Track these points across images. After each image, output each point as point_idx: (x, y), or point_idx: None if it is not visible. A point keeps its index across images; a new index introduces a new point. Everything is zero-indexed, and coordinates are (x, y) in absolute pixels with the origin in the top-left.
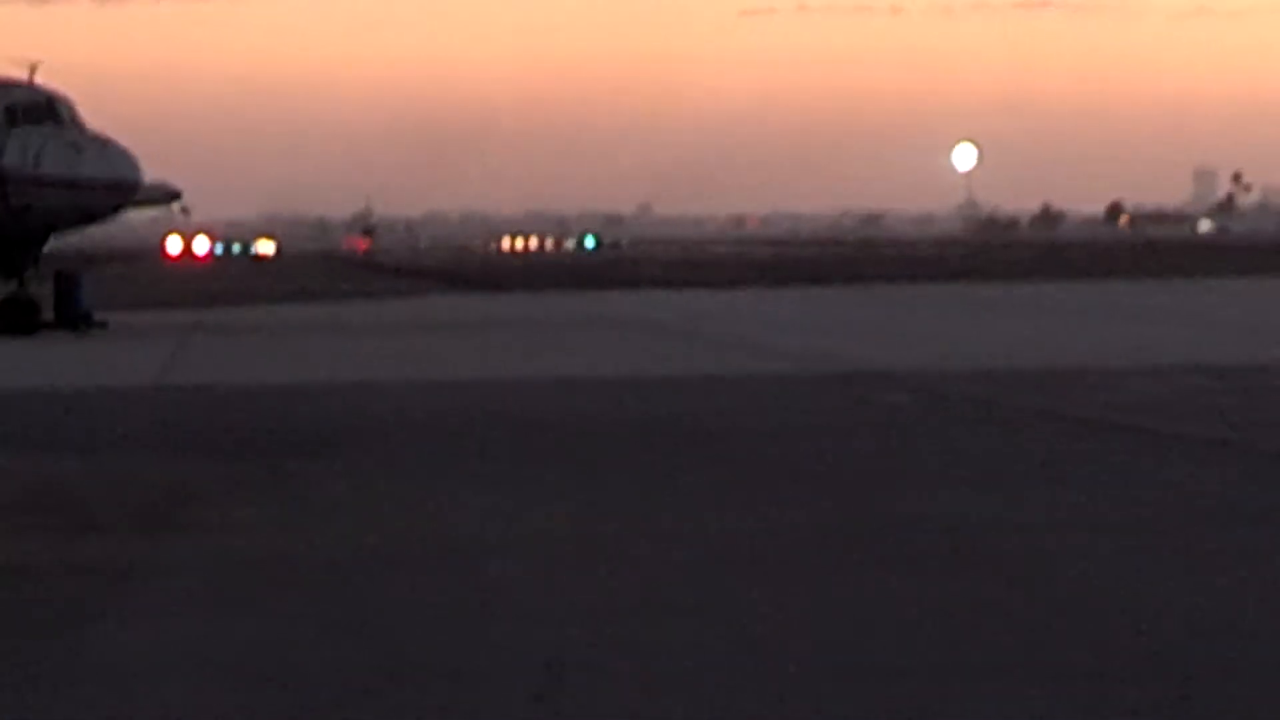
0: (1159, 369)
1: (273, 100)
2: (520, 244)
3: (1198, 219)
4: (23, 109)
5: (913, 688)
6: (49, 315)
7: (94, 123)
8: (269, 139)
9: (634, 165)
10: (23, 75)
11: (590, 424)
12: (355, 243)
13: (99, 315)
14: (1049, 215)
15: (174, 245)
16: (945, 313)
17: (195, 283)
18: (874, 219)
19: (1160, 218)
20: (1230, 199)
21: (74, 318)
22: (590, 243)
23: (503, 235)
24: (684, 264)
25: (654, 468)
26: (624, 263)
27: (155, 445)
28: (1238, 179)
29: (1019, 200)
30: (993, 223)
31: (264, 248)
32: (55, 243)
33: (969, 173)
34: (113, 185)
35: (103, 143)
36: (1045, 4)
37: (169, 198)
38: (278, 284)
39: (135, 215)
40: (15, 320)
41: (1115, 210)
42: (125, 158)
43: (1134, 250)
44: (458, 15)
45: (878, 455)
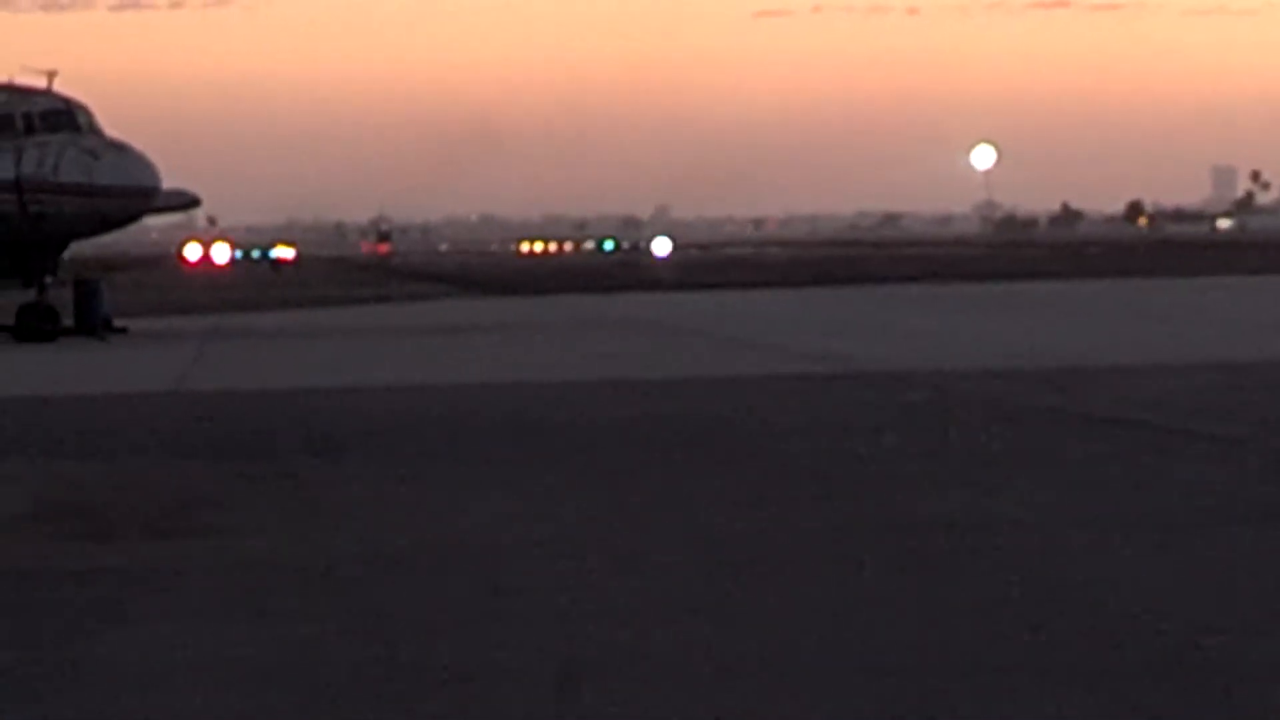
0: (1178, 366)
1: (290, 106)
2: (538, 247)
3: (1217, 217)
4: (40, 116)
5: (932, 688)
6: (69, 321)
7: (112, 129)
8: (287, 145)
9: (651, 168)
10: (40, 83)
11: (608, 426)
12: (372, 248)
13: (119, 321)
14: (1068, 214)
15: (193, 251)
16: (964, 312)
17: (214, 288)
18: (892, 219)
19: (1180, 216)
20: (1249, 197)
21: (93, 324)
22: (608, 245)
23: (520, 239)
24: (702, 266)
25: (671, 469)
26: (642, 265)
27: (172, 450)
28: (1256, 177)
29: (1038, 200)
30: (1012, 222)
31: (283, 253)
32: (74, 249)
33: (988, 173)
34: (131, 192)
35: (120, 149)
36: (1062, 3)
37: (188, 204)
38: (296, 289)
39: (154, 221)
40: (35, 327)
41: (1134, 209)
42: (143, 164)
43: (1153, 248)
44: (474, 20)
45: (896, 456)
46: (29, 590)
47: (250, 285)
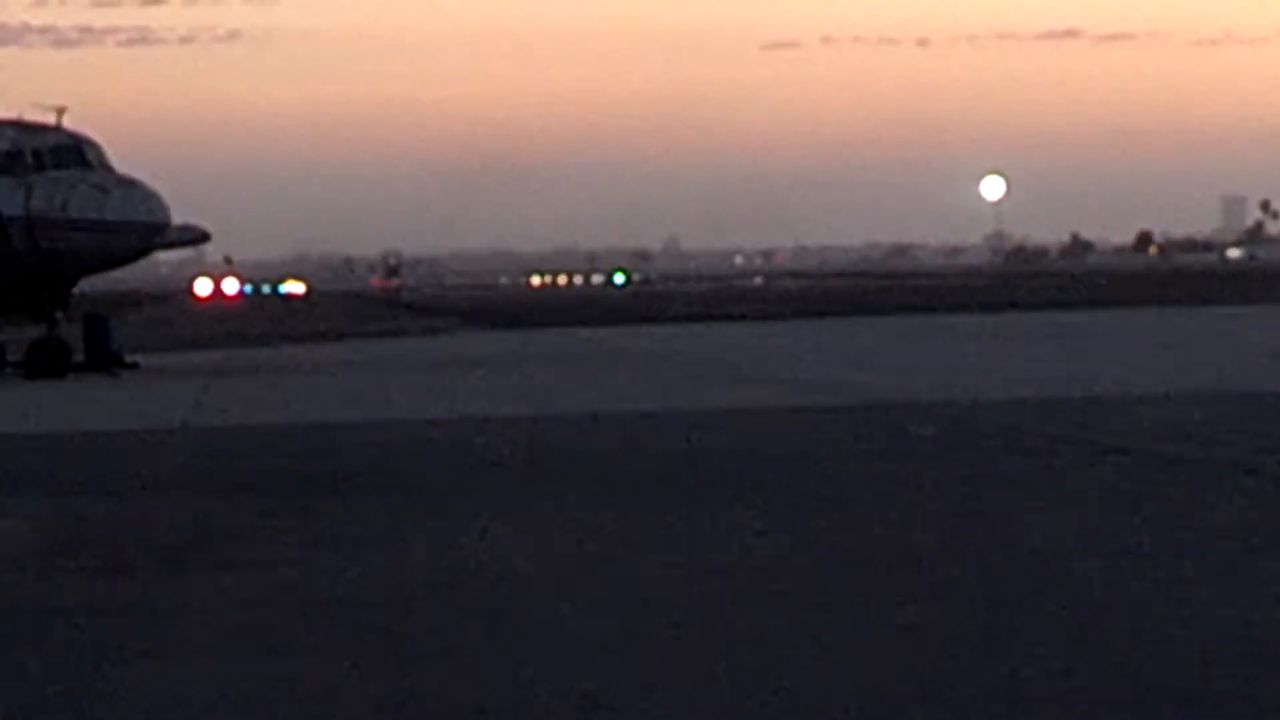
0: (1189, 395)
1: (299, 140)
2: (549, 280)
3: (1227, 247)
4: (50, 153)
5: (951, 718)
6: (79, 357)
7: (121, 165)
8: (296, 179)
9: (661, 200)
10: (50, 119)
11: (621, 457)
12: (382, 282)
13: (129, 357)
14: (1078, 245)
15: (203, 286)
16: (975, 343)
17: (225, 323)
18: (902, 251)
19: (1190, 246)
20: (1259, 227)
21: (104, 359)
22: (619, 278)
23: (531, 272)
24: (713, 298)
25: (688, 500)
26: (653, 297)
27: (185, 486)
28: (1266, 207)
29: (1048, 231)
30: (1022, 253)
31: (293, 288)
32: (84, 284)
33: (997, 203)
34: (141, 227)
35: (130, 185)
36: (1071, 34)
37: (197, 239)
38: (306, 324)
39: (164, 256)
40: (45, 363)
41: (1145, 239)
42: (153, 200)
43: (1163, 278)
44: (482, 54)
45: (910, 486)
46: (41, 626)
47: (260, 320)
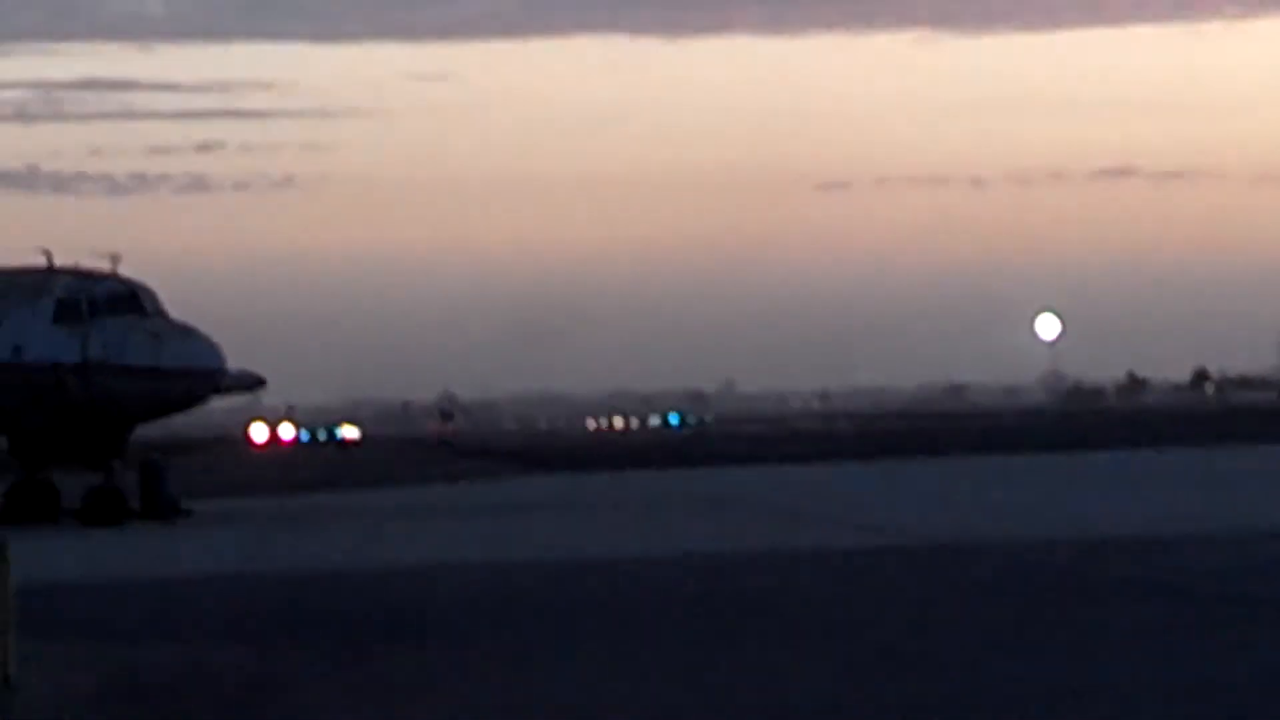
0: (1246, 535)
1: (354, 285)
2: (605, 424)
3: None
4: (106, 300)
5: None
6: (135, 504)
7: (176, 311)
8: (352, 324)
9: (715, 342)
10: (105, 266)
11: (676, 601)
12: (438, 427)
13: (185, 503)
14: (1134, 383)
15: (259, 432)
16: (1031, 483)
17: (280, 469)
18: (958, 390)
19: (1246, 383)
20: None
21: (160, 506)
22: (675, 420)
23: (586, 415)
24: (770, 440)
25: (747, 643)
26: (710, 439)
27: (243, 633)
28: None
29: (1104, 369)
30: (1078, 392)
31: (348, 433)
32: (140, 431)
33: (1053, 343)
34: (196, 374)
35: (185, 331)
36: (1126, 171)
37: (253, 385)
38: (362, 469)
39: (220, 402)
40: (102, 511)
41: (1201, 377)
42: (208, 346)
43: (1220, 416)
44: (535, 197)
45: (967, 627)
46: None
47: (317, 466)
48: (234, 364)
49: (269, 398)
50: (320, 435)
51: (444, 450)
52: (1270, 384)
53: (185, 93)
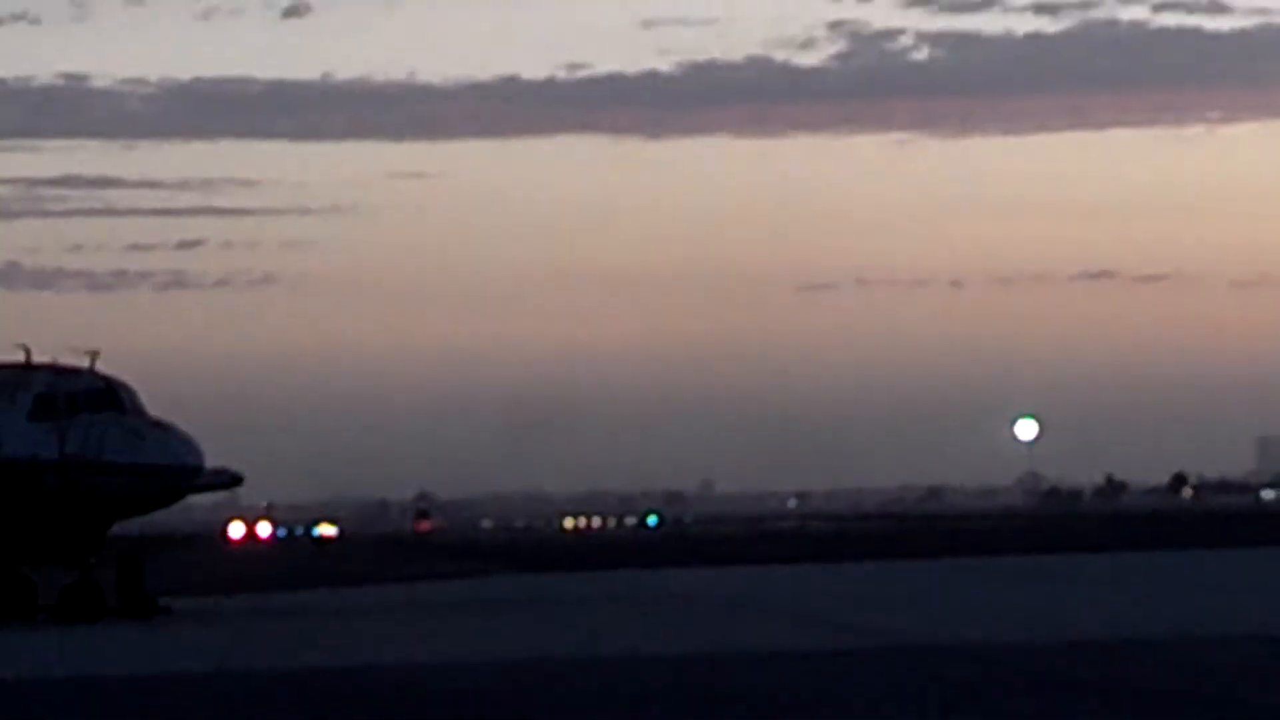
0: (1221, 638)
1: (332, 383)
2: (583, 523)
3: (1261, 488)
4: (84, 397)
5: None
6: (112, 601)
7: (155, 408)
8: (330, 421)
9: (694, 442)
10: (84, 363)
11: (654, 703)
12: (418, 525)
13: (162, 600)
14: (1112, 486)
15: (236, 529)
16: (1008, 585)
17: (258, 566)
18: (936, 493)
19: (1224, 487)
20: None
21: (138, 603)
22: (653, 520)
23: (565, 514)
24: (747, 540)
25: None
26: (687, 539)
27: None
28: None
29: (1082, 471)
30: (1055, 494)
31: (326, 530)
32: (117, 527)
33: (1031, 445)
34: (174, 471)
35: (164, 429)
36: (1106, 274)
37: (231, 482)
38: (340, 567)
39: (197, 499)
40: (79, 607)
41: (1179, 480)
42: (186, 443)
43: (1197, 520)
44: (514, 298)
45: None
46: None
47: (294, 563)
48: (212, 461)
49: (248, 495)
50: (298, 533)
51: (421, 549)
52: (1248, 488)
53: (166, 190)
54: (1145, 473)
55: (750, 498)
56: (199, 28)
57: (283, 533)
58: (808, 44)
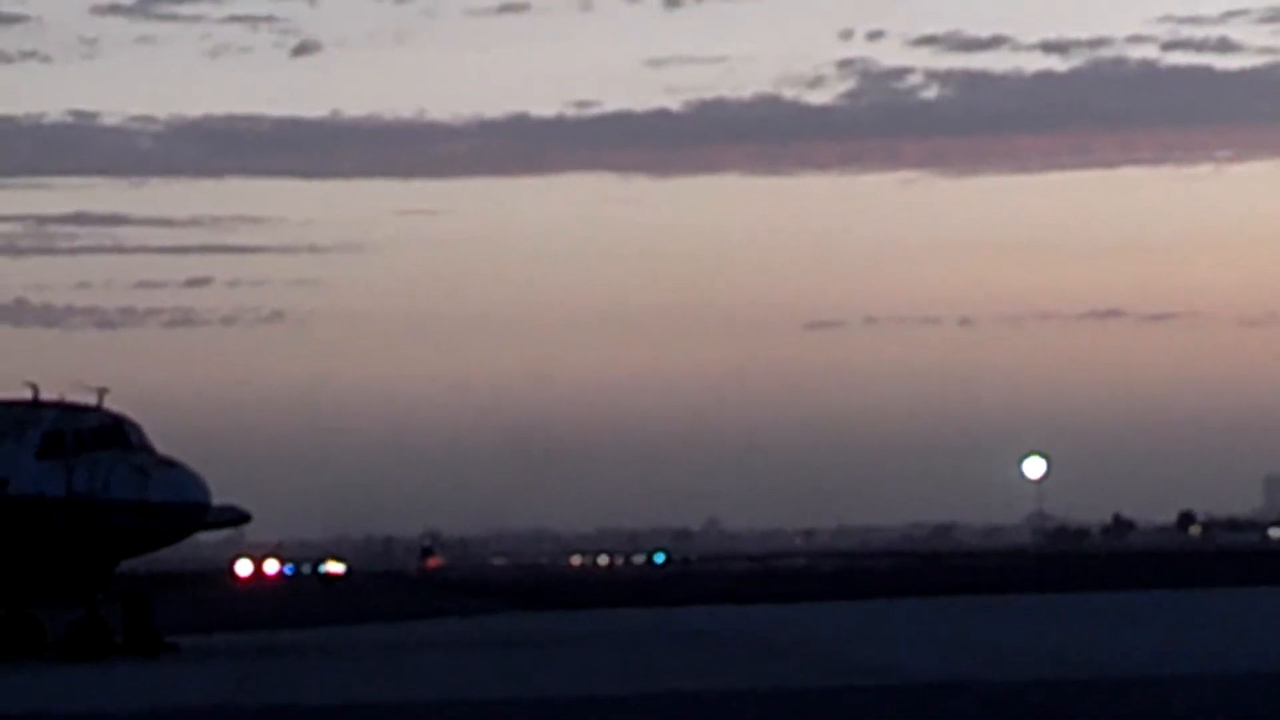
0: (1228, 676)
1: (341, 420)
2: (590, 561)
3: (1269, 526)
4: (91, 434)
5: None
6: (119, 638)
7: (163, 445)
8: (338, 459)
9: (702, 480)
10: (91, 400)
11: None
12: (427, 562)
13: (169, 637)
14: (1120, 525)
15: (244, 567)
16: (1014, 623)
17: (265, 604)
18: (944, 530)
19: (1232, 525)
20: None
21: (144, 640)
22: (660, 558)
23: (573, 552)
24: (753, 578)
25: None
26: (693, 577)
27: None
28: None
29: (1090, 510)
30: (1064, 533)
31: (333, 568)
32: (124, 564)
33: (1039, 483)
34: (181, 508)
35: (171, 466)
36: (1114, 313)
37: (238, 519)
38: (347, 604)
39: (205, 537)
40: (86, 645)
41: (1187, 518)
42: (194, 481)
43: (1205, 558)
44: (522, 334)
45: None
46: None
47: (301, 600)
48: (220, 499)
49: (255, 532)
50: (305, 570)
51: (428, 586)
52: (1256, 526)
53: (174, 227)
54: (1153, 511)
55: (756, 535)
56: (208, 65)
57: (290, 570)
58: (816, 82)
